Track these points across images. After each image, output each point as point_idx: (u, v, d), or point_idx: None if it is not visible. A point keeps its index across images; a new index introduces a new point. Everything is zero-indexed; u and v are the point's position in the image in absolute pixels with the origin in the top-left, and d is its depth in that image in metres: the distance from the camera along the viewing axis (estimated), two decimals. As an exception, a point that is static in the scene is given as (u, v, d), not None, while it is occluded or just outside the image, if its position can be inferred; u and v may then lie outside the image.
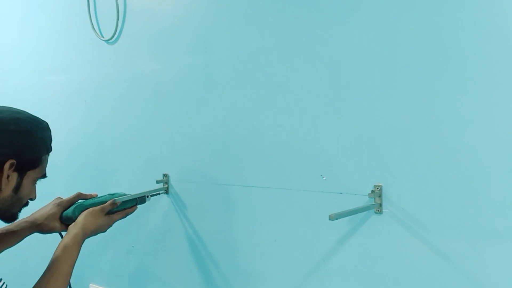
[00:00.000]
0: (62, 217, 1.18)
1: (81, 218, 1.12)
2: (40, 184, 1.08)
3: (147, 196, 1.28)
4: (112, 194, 1.21)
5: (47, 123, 1.08)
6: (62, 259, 1.04)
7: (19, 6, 1.85)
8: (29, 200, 1.07)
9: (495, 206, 0.84)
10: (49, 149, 1.08)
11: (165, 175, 1.38)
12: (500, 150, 0.84)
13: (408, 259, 0.94)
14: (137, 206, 1.25)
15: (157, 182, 1.37)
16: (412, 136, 0.93)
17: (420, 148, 0.92)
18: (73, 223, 1.12)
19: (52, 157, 1.09)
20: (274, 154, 1.13)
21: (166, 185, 1.37)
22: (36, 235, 1.20)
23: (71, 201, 1.21)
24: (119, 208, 1.20)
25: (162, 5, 1.36)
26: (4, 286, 0.93)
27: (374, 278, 0.99)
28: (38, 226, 1.19)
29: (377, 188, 0.97)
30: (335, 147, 1.03)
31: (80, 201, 1.21)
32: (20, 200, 1.04)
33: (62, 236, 1.15)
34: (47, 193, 1.17)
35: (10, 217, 1.06)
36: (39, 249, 1.27)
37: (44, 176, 1.09)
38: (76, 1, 1.58)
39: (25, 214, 1.09)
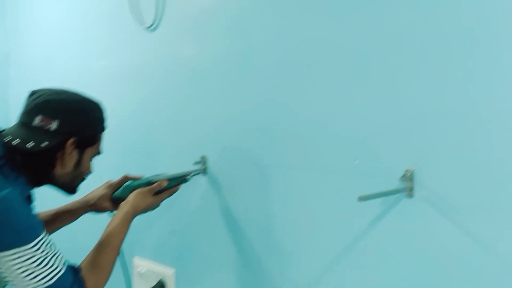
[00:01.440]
0: (113, 197, 1.28)
1: (131, 197, 1.20)
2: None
3: (189, 175, 1.35)
4: (157, 175, 1.28)
5: (101, 103, 1.16)
6: (113, 234, 1.11)
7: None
8: (85, 176, 1.17)
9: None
10: (104, 127, 1.16)
11: (203, 157, 1.44)
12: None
13: (439, 242, 0.96)
14: (180, 185, 1.32)
15: (195, 163, 1.43)
16: (444, 119, 0.94)
17: (452, 131, 0.93)
18: (124, 201, 1.20)
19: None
20: (309, 136, 1.17)
21: (204, 166, 1.43)
22: (87, 215, 1.32)
23: (120, 183, 1.31)
24: (165, 187, 1.27)
25: (201, -8, 1.40)
26: (61, 256, 1.02)
27: (404, 260, 1.02)
28: (92, 206, 1.30)
29: (409, 172, 1.00)
30: (367, 130, 1.06)
31: (128, 182, 1.30)
32: (80, 174, 1.15)
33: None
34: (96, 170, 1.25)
35: (72, 189, 1.17)
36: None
37: (99, 153, 1.18)
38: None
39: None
